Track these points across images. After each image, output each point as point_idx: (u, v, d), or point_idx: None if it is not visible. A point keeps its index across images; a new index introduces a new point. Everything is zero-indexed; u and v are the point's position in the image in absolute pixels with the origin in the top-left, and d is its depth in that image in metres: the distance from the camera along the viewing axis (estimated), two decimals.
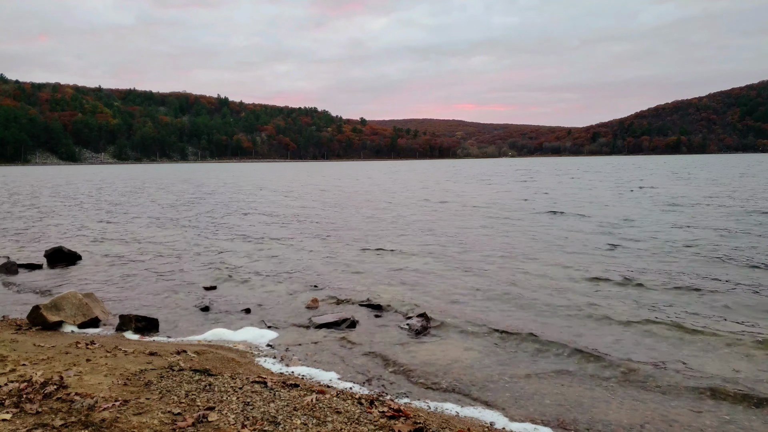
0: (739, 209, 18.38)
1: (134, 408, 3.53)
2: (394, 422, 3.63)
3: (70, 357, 4.74)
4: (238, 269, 10.14)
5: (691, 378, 4.91)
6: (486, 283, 8.70)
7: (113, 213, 21.54)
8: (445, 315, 6.97)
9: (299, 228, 16.04)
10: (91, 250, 12.27)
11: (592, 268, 9.51)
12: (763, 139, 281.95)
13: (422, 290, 8.28)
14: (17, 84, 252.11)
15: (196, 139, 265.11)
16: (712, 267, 9.42)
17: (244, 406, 3.71)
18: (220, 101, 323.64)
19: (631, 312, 6.91)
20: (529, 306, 7.31)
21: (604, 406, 4.42)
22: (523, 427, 4.05)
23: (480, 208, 21.04)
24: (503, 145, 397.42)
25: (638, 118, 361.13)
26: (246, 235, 14.77)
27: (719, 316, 6.67)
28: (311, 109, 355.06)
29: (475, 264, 10.12)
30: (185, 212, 21.53)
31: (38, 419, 3.30)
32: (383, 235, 14.30)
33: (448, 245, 12.34)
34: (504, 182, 42.77)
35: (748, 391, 4.58)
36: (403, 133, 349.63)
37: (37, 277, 9.55)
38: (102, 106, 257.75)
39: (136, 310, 7.32)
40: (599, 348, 5.68)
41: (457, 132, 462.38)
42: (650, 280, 8.57)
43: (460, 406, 4.40)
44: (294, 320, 6.93)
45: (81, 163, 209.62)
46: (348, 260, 10.82)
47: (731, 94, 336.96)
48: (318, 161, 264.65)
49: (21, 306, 7.55)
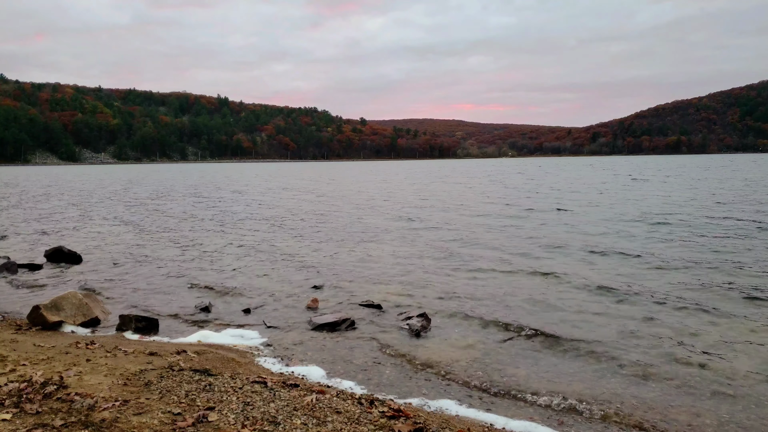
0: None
1: (134, 408, 3.53)
2: (394, 422, 3.62)
3: (70, 357, 4.74)
4: (238, 269, 10.14)
5: (695, 380, 4.91)
6: (486, 283, 8.70)
7: (113, 213, 21.54)
8: (445, 315, 6.97)
9: (300, 228, 16.04)
10: (91, 250, 12.27)
11: (593, 268, 9.50)
12: (763, 139, 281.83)
13: (422, 290, 8.28)
14: (17, 84, 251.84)
15: (196, 139, 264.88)
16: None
17: (244, 406, 3.71)
18: (220, 101, 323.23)
19: (634, 310, 6.91)
20: (529, 306, 7.31)
21: (605, 405, 4.42)
22: (523, 426, 4.05)
23: (480, 208, 21.04)
24: (503, 145, 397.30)
25: (638, 118, 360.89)
26: (246, 235, 14.77)
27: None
28: (311, 109, 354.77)
29: (476, 264, 10.11)
30: (185, 213, 21.53)
31: (38, 419, 3.30)
32: (383, 235, 14.30)
33: (448, 245, 12.34)
34: (506, 181, 42.76)
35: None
36: (403, 133, 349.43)
37: (37, 277, 9.55)
38: (102, 106, 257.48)
39: (136, 310, 7.32)
40: (600, 347, 5.68)
41: (457, 132, 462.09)
42: (651, 278, 8.58)
43: (460, 406, 4.40)
44: (294, 320, 6.94)
45: (81, 163, 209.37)
46: (348, 260, 10.82)
47: (731, 94, 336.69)
48: (318, 161, 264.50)
49: (21, 306, 7.55)
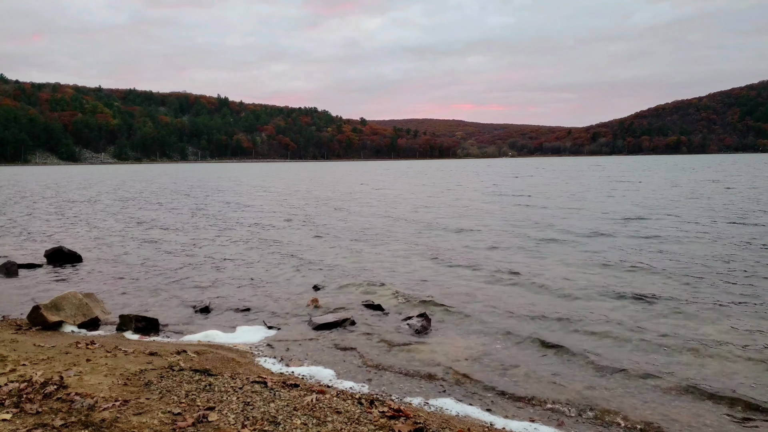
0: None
1: (134, 408, 3.53)
2: (394, 422, 3.62)
3: (70, 357, 4.74)
4: (238, 269, 10.14)
5: (694, 380, 4.91)
6: (486, 283, 8.70)
7: (113, 213, 21.53)
8: (446, 315, 6.97)
9: (299, 228, 16.04)
10: (91, 250, 12.27)
11: (594, 268, 9.50)
12: (763, 139, 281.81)
13: (422, 290, 8.27)
14: (17, 84, 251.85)
15: (196, 139, 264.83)
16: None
17: (244, 406, 3.71)
18: (220, 101, 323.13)
19: (634, 313, 6.91)
20: (530, 306, 7.31)
21: (605, 405, 4.42)
22: (523, 426, 4.05)
23: (482, 209, 21.04)
24: (503, 145, 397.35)
25: (638, 118, 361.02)
26: (246, 236, 14.77)
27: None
28: (311, 109, 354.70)
29: (476, 264, 10.11)
30: (186, 213, 21.53)
31: (38, 419, 3.30)
32: (384, 235, 14.30)
33: (448, 246, 12.33)
34: (508, 180, 42.78)
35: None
36: (403, 133, 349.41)
37: (37, 277, 9.55)
38: (102, 106, 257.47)
39: (136, 310, 7.32)
40: (600, 348, 5.68)
41: (457, 132, 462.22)
42: (652, 277, 8.58)
43: (460, 406, 4.40)
44: (294, 320, 6.94)
45: (81, 163, 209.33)
46: (348, 261, 10.82)
47: (731, 94, 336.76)
48: (318, 161, 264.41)
49: (21, 306, 7.55)
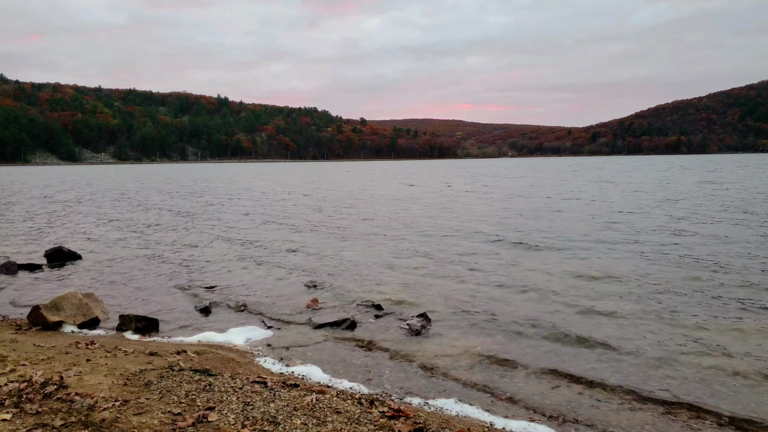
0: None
1: (134, 408, 3.53)
2: (394, 422, 3.62)
3: (70, 357, 4.74)
4: (238, 270, 10.15)
5: (699, 377, 4.91)
6: (486, 283, 8.69)
7: (114, 213, 21.53)
8: (445, 315, 6.97)
9: (299, 229, 16.04)
10: (91, 251, 12.27)
11: (594, 269, 9.50)
12: (763, 139, 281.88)
13: (422, 290, 8.27)
14: (17, 84, 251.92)
15: (196, 139, 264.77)
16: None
17: (244, 406, 3.71)
18: (219, 101, 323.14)
19: (636, 310, 6.90)
20: (529, 306, 7.31)
21: (604, 406, 4.42)
22: (522, 426, 4.05)
23: (482, 209, 21.04)
24: (503, 145, 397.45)
25: (638, 118, 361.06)
26: (246, 236, 14.77)
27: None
28: (311, 109, 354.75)
29: (476, 264, 10.11)
30: (186, 213, 21.52)
31: (38, 419, 3.30)
32: (384, 236, 14.30)
33: (448, 246, 12.33)
34: (509, 180, 42.77)
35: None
36: (403, 133, 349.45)
37: (37, 277, 9.55)
38: (102, 106, 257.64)
39: (136, 310, 7.32)
40: (601, 348, 5.68)
41: (457, 132, 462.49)
42: (651, 276, 8.58)
43: (460, 406, 4.40)
44: (294, 320, 6.94)
45: (81, 163, 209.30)
46: (348, 261, 10.81)
47: (731, 94, 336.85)
48: (318, 161, 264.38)
49: (21, 306, 7.55)
